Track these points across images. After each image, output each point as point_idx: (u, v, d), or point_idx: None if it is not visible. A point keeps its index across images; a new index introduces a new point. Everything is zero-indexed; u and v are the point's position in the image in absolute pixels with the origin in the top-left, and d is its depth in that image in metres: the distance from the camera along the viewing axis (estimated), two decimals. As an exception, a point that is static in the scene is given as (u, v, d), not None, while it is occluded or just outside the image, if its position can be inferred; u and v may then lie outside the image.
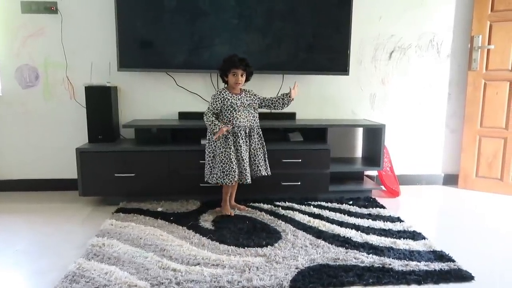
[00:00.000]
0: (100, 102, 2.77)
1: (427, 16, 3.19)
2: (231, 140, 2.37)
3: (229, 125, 2.36)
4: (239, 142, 2.38)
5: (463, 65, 3.25)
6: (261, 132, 2.50)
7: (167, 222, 2.35)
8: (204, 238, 2.13)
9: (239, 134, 2.38)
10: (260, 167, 2.46)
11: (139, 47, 2.86)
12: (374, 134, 3.01)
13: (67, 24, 2.89)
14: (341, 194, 2.89)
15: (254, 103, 2.47)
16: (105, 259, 1.85)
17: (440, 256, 1.94)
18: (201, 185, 2.68)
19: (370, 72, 3.22)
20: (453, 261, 1.89)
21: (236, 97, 2.41)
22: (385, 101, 3.27)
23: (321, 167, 2.78)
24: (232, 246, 2.02)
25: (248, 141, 2.44)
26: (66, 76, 2.96)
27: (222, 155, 2.36)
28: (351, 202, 2.77)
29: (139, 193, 2.70)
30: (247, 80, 2.45)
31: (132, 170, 2.65)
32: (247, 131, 2.42)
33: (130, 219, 2.39)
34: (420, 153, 3.36)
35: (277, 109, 2.54)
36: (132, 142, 2.84)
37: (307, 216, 2.47)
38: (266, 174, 2.51)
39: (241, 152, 2.38)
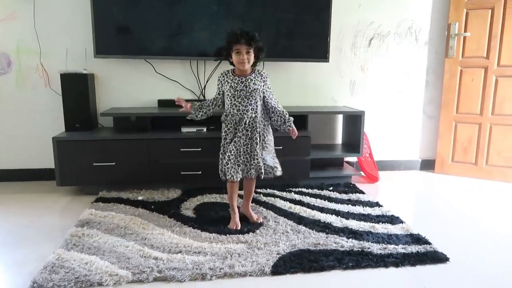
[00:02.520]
0: (77, 90, 2.70)
1: (406, 3, 3.21)
2: (230, 132, 2.06)
3: (189, 104, 2.10)
4: (237, 134, 2.05)
5: (440, 52, 3.31)
6: (261, 126, 2.08)
7: (148, 211, 2.33)
8: (186, 226, 2.13)
9: (237, 126, 2.05)
10: (261, 166, 2.07)
11: (117, 33, 2.79)
12: (353, 121, 3.04)
13: (40, 8, 2.79)
14: (321, 180, 2.93)
15: (260, 89, 2.05)
16: (85, 249, 1.83)
17: (417, 239, 1.99)
18: (182, 173, 2.67)
19: (350, 59, 3.24)
20: (429, 243, 1.95)
21: (238, 80, 2.02)
22: (365, 88, 3.30)
23: (301, 154, 2.80)
24: (213, 234, 2.02)
25: (246, 133, 2.06)
26: (40, 63, 2.87)
27: (221, 148, 2.11)
28: (331, 188, 2.81)
29: (118, 182, 2.66)
30: (257, 59, 2.05)
31: (111, 159, 2.61)
32: (247, 122, 2.03)
33: (110, 208, 2.36)
34: (399, 139, 3.43)
35: (271, 120, 2.15)
36: (110, 131, 2.79)
37: (288, 202, 2.49)
38: (272, 176, 2.13)
39: (238, 145, 2.05)
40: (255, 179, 2.15)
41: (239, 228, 2.09)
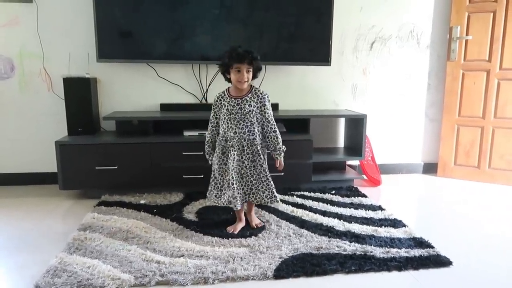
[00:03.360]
0: (79, 94, 2.71)
1: (407, 7, 3.22)
2: (224, 156, 2.03)
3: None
4: (229, 158, 2.01)
5: (442, 56, 3.31)
6: (259, 149, 2.01)
7: (150, 215, 2.33)
8: (188, 229, 2.12)
9: (230, 149, 2.00)
10: (254, 193, 2.05)
11: (119, 37, 2.80)
12: (355, 124, 3.04)
13: (43, 13, 2.81)
14: (323, 184, 2.92)
15: (256, 110, 2.00)
16: (88, 253, 1.83)
17: (420, 243, 1.98)
18: (184, 177, 2.67)
19: (352, 62, 3.24)
20: (432, 247, 1.94)
21: (234, 102, 1.98)
22: (367, 91, 3.30)
23: (303, 158, 2.80)
24: (216, 237, 2.02)
25: (247, 158, 2.01)
26: (43, 67, 2.88)
27: (215, 171, 2.07)
28: (333, 192, 2.80)
29: (121, 186, 2.67)
30: (254, 77, 2.00)
31: (113, 162, 2.61)
32: (242, 146, 1.99)
33: (113, 212, 2.37)
34: (401, 142, 3.42)
35: (266, 142, 2.09)
36: (113, 134, 2.80)
37: (290, 206, 2.49)
38: (266, 203, 2.07)
39: (230, 170, 2.02)
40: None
41: (235, 233, 2.07)
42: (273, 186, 2.08)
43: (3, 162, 2.96)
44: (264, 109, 2.01)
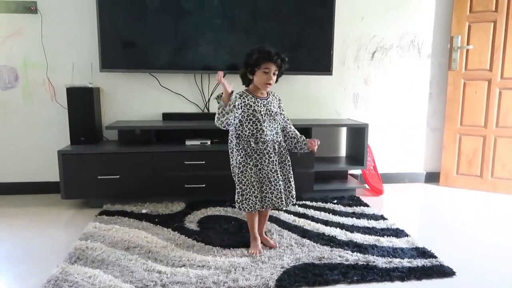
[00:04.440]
0: (82, 103, 2.73)
1: (408, 16, 3.24)
2: (254, 158, 1.88)
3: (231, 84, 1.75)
4: (265, 161, 1.88)
5: (443, 65, 3.32)
6: (286, 150, 1.99)
7: (151, 224, 2.33)
8: (190, 239, 2.12)
9: (265, 152, 1.88)
10: (291, 192, 1.98)
11: (122, 47, 2.83)
12: (357, 134, 3.04)
13: (47, 24, 2.84)
14: (325, 193, 2.92)
15: (279, 111, 1.95)
16: (89, 263, 1.83)
17: (423, 253, 1.97)
18: (186, 186, 2.67)
19: (353, 72, 3.26)
20: (435, 257, 1.93)
21: (261, 103, 1.87)
22: (368, 100, 3.31)
23: (305, 167, 2.80)
24: (217, 247, 2.01)
25: (278, 159, 1.93)
26: (47, 77, 2.90)
27: (241, 175, 1.89)
28: (335, 201, 2.80)
29: (123, 195, 2.67)
30: (276, 81, 1.91)
31: (115, 172, 2.61)
32: (275, 147, 1.92)
33: (114, 221, 2.36)
34: (403, 151, 3.42)
35: (286, 142, 1.99)
36: (115, 144, 2.81)
37: (292, 215, 2.48)
38: (290, 203, 1.99)
39: (267, 172, 1.89)
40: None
41: (262, 254, 1.93)
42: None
43: (5, 171, 2.97)
44: (281, 110, 1.98)
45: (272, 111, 1.89)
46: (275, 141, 1.91)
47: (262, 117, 1.86)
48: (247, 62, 1.84)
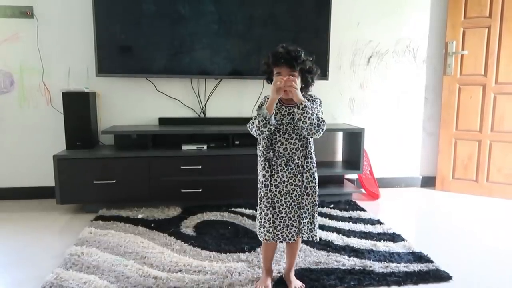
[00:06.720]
0: (78, 108, 2.72)
1: (403, 22, 3.27)
2: (270, 176, 1.59)
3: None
4: (276, 180, 1.58)
5: (438, 70, 3.34)
6: (314, 169, 1.61)
7: (147, 229, 2.32)
8: (186, 244, 2.11)
9: (279, 169, 1.58)
10: (303, 223, 1.59)
11: (118, 52, 2.83)
12: (353, 138, 3.05)
13: (44, 29, 2.84)
14: (322, 197, 2.91)
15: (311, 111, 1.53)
16: (84, 268, 1.81)
17: (419, 257, 1.97)
18: (182, 191, 2.67)
19: (349, 77, 3.27)
20: (432, 261, 1.93)
21: (284, 111, 1.57)
22: (364, 105, 3.32)
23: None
24: (214, 252, 2.01)
25: (296, 179, 1.59)
26: (43, 82, 2.90)
27: (260, 192, 1.61)
28: (332, 206, 2.80)
29: (119, 200, 2.65)
30: (306, 83, 1.59)
31: (111, 177, 2.60)
32: (294, 164, 1.59)
33: (110, 226, 2.35)
34: (399, 156, 3.43)
35: (305, 132, 1.56)
36: (111, 149, 2.80)
37: (288, 220, 2.48)
38: (308, 238, 1.61)
39: (281, 194, 1.59)
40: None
41: None
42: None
43: (1, 177, 2.95)
44: (317, 111, 1.59)
45: (295, 119, 1.54)
46: (298, 157, 1.58)
47: (283, 127, 1.56)
48: (263, 71, 1.62)
